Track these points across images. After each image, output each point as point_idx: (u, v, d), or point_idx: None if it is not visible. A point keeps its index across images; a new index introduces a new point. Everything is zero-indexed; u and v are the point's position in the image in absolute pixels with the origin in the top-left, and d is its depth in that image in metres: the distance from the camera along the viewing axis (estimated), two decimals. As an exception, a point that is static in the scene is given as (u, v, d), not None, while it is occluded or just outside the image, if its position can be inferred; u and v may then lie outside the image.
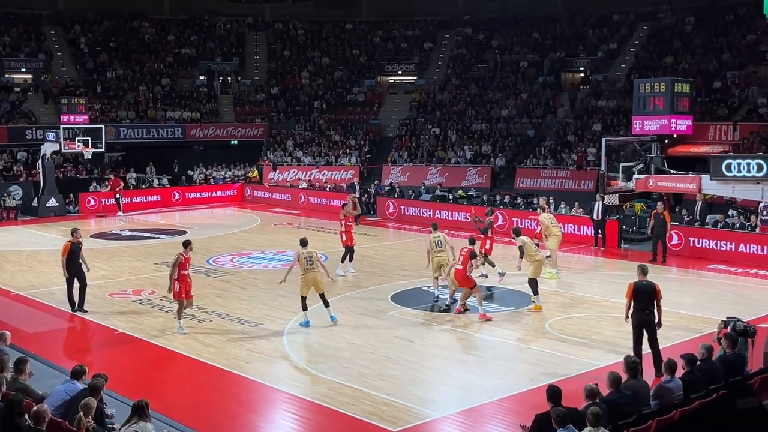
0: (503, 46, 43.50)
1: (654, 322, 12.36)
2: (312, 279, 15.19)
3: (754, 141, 29.44)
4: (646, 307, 12.29)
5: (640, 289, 12.36)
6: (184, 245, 15.08)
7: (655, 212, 21.85)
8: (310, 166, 37.95)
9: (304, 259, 15.20)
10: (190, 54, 44.28)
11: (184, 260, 14.83)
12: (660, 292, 12.40)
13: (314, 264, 15.22)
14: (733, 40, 36.72)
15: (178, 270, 14.72)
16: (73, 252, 16.49)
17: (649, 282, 12.43)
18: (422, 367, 13.11)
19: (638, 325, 12.38)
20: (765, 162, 12.84)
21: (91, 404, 8.13)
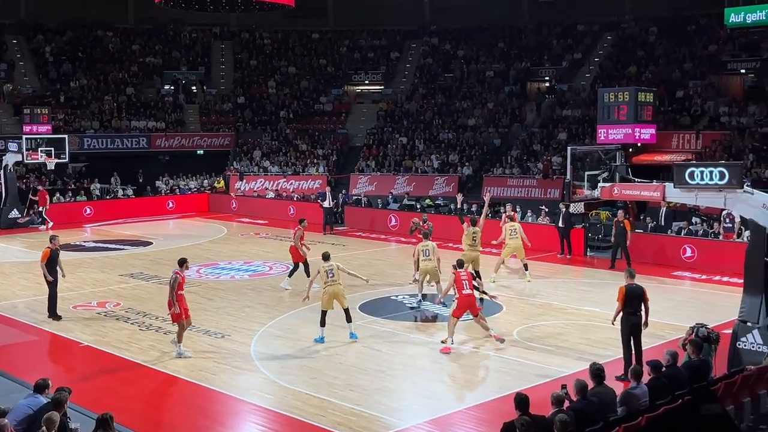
0: (469, 56, 43.76)
1: (641, 325, 12.71)
2: (334, 293, 14.92)
3: (717, 149, 29.89)
4: (636, 310, 12.67)
5: (631, 293, 12.69)
6: (180, 264, 14.39)
7: (616, 220, 22.13)
8: (277, 176, 37.82)
9: (324, 273, 14.96)
10: (155, 63, 43.95)
11: (182, 279, 14.19)
12: (647, 295, 12.77)
13: (336, 277, 14.94)
14: (696, 50, 37.28)
15: (176, 290, 13.98)
16: (52, 258, 16.61)
17: (638, 285, 12.82)
18: (390, 377, 13.10)
19: (628, 328, 12.70)
20: (727, 170, 12.98)
21: (55, 418, 8.00)
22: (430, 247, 17.55)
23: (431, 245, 17.60)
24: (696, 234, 23.41)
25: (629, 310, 12.69)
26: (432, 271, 17.45)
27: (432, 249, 17.50)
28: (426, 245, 17.62)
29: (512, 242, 20.42)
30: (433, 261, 17.42)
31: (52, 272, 16.65)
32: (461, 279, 14.57)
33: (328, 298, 14.92)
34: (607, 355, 13.82)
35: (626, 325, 12.75)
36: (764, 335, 12.53)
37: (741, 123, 31.49)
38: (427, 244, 17.63)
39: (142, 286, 20.27)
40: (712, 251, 22.09)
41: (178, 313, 14.01)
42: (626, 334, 12.78)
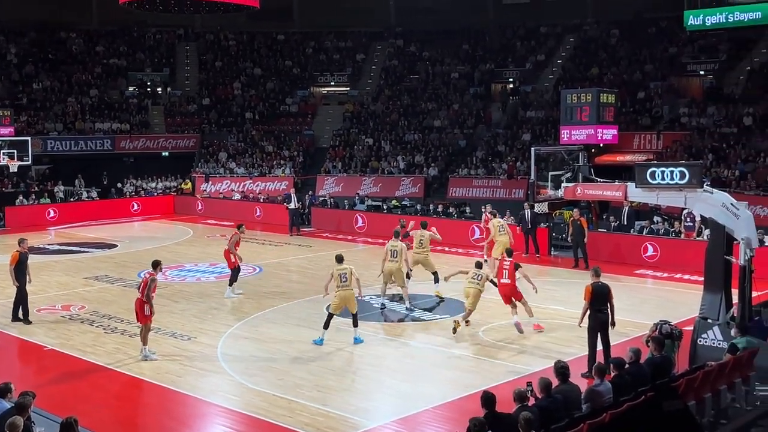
0: (434, 58, 43.96)
1: (608, 323, 12.93)
2: (346, 297, 14.76)
3: (677, 149, 30.36)
4: (603, 308, 12.89)
5: (598, 291, 12.89)
6: (154, 266, 14.34)
7: (573, 219, 22.44)
8: (244, 177, 37.69)
9: (338, 276, 14.77)
10: (119, 65, 43.55)
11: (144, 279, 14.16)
12: (612, 293, 13.00)
13: (348, 282, 14.72)
14: (656, 52, 37.81)
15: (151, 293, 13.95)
16: (21, 261, 16.39)
17: (603, 283, 13.04)
18: (358, 377, 13.15)
19: (597, 325, 12.92)
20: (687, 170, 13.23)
21: (18, 423, 7.93)
22: (398, 247, 17.42)
23: (400, 246, 17.49)
24: (657, 233, 23.76)
25: (596, 308, 12.91)
26: (396, 272, 17.32)
27: (400, 250, 17.40)
28: (395, 245, 17.48)
29: (502, 238, 20.63)
30: (398, 262, 17.30)
31: (20, 276, 16.40)
32: (503, 268, 15.31)
33: (339, 302, 14.79)
34: (571, 353, 14.00)
35: (593, 322, 12.96)
36: (724, 332, 12.78)
37: (700, 123, 32.02)
38: (396, 245, 17.49)
39: (107, 289, 20.11)
40: (673, 250, 22.45)
41: (148, 315, 13.93)
42: (593, 332, 12.98)
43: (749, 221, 13.08)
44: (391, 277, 17.44)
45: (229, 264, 19.00)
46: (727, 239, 13.15)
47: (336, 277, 14.76)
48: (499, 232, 20.95)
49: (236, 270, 18.91)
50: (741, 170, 27.89)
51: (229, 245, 18.97)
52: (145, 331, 14.05)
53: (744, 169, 27.88)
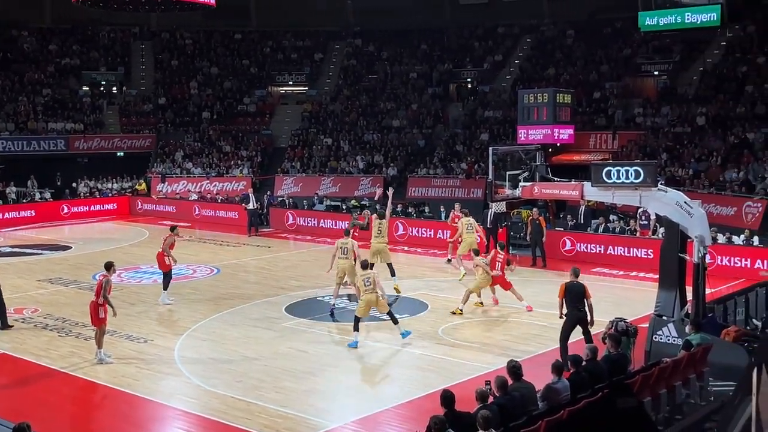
0: (393, 58, 44.01)
1: (587, 319, 13.36)
2: (371, 301, 14.89)
3: (632, 149, 30.76)
4: (578, 306, 13.33)
5: (570, 289, 13.37)
6: (107, 267, 14.12)
7: (531, 218, 22.67)
8: (201, 178, 37.34)
9: (362, 281, 14.98)
10: (73, 64, 42.85)
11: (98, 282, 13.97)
12: (588, 292, 13.41)
13: (372, 285, 14.90)
14: (611, 52, 38.28)
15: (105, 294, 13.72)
16: None
17: (579, 282, 13.46)
18: (317, 378, 13.10)
19: (574, 322, 13.33)
20: (642, 169, 13.40)
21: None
22: (349, 245, 17.24)
23: (350, 243, 17.31)
24: (613, 231, 24.06)
25: (572, 306, 13.32)
26: (349, 270, 17.15)
27: (351, 247, 17.22)
28: (345, 242, 17.30)
29: (469, 237, 20.75)
30: (350, 259, 17.12)
31: None
32: (496, 260, 16.55)
33: (366, 306, 14.92)
34: (529, 351, 14.13)
35: (569, 319, 13.33)
36: (679, 328, 12.97)
37: (655, 123, 32.48)
38: (347, 242, 17.30)
39: (61, 291, 19.77)
40: (628, 247, 22.74)
41: (103, 318, 13.71)
42: (567, 329, 13.32)
43: (702, 219, 13.30)
44: (344, 275, 17.24)
45: (161, 266, 18.29)
46: (681, 237, 13.35)
47: (361, 283, 15.05)
48: (467, 230, 20.99)
49: (169, 274, 18.28)
50: (694, 169, 28.36)
51: (163, 247, 18.30)
52: (100, 334, 13.83)
53: (697, 168, 28.35)
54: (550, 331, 15.78)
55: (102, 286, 13.77)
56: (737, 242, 21.69)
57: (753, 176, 26.47)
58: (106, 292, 13.72)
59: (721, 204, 25.54)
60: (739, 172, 27.03)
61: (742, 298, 14.99)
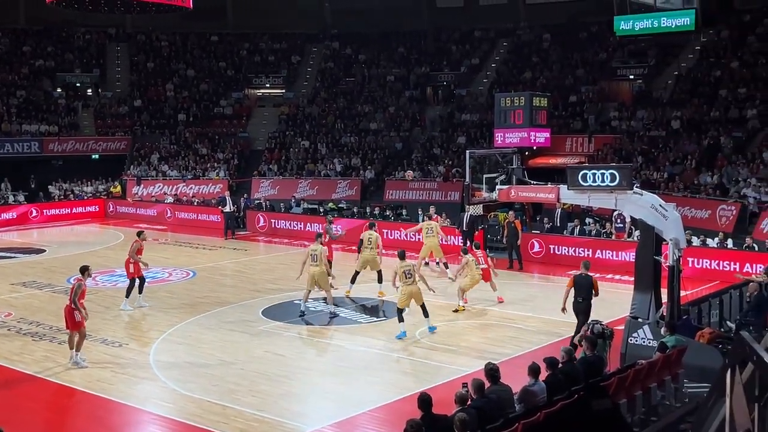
0: (370, 61, 44.03)
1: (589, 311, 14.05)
2: (412, 292, 15.32)
3: (608, 152, 30.97)
4: (586, 297, 14.05)
5: (580, 281, 14.09)
6: (82, 271, 14.05)
7: (507, 221, 22.76)
8: (177, 180, 37.11)
9: (403, 273, 15.36)
10: (47, 66, 42.47)
11: (85, 287, 13.87)
12: (597, 285, 14.22)
13: (413, 277, 15.36)
14: (587, 56, 38.53)
15: (79, 298, 13.58)
16: None
17: (588, 275, 14.15)
18: (294, 381, 13.04)
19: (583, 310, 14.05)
20: (617, 172, 13.50)
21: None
22: (319, 251, 17.05)
23: (320, 249, 17.15)
24: (589, 234, 24.20)
25: (580, 296, 14.20)
26: (319, 276, 16.90)
27: (320, 253, 17.02)
28: (315, 249, 17.12)
29: (428, 241, 20.81)
30: (320, 266, 16.88)
31: None
32: (478, 257, 17.27)
33: (407, 297, 15.33)
34: (506, 353, 14.17)
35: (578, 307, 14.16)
36: (654, 331, 13.06)
37: (630, 127, 32.73)
38: (317, 248, 17.14)
39: (35, 295, 19.55)
40: (604, 250, 22.88)
41: (79, 321, 13.54)
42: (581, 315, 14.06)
43: (677, 222, 13.41)
44: (315, 281, 17.04)
45: (127, 273, 17.93)
46: (656, 240, 13.45)
47: (401, 274, 15.38)
48: (427, 234, 21.06)
49: (133, 281, 17.80)
50: (669, 172, 28.60)
51: (130, 253, 17.93)
52: (80, 338, 13.66)
53: (672, 172, 28.60)
54: (526, 333, 15.87)
55: (74, 290, 13.64)
56: (711, 245, 21.89)
57: (727, 179, 26.75)
58: (77, 297, 13.56)
59: (695, 207, 25.78)
60: (713, 176, 27.30)
61: (716, 301, 15.13)
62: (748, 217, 24.72)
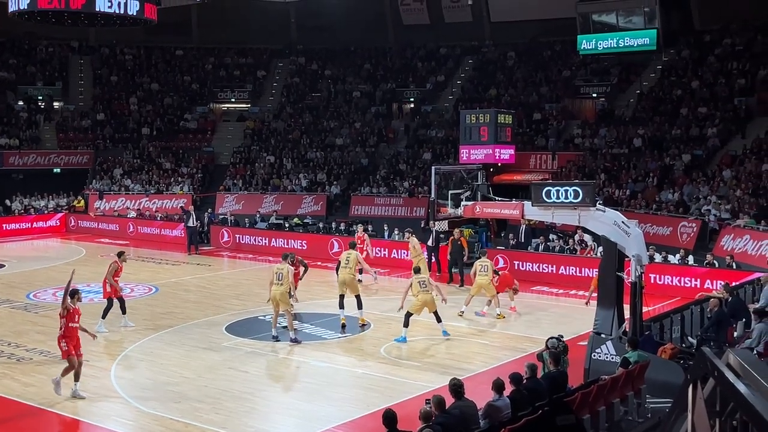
0: (336, 76, 44.08)
1: None
2: (426, 300, 16.17)
3: (571, 169, 31.28)
4: None
5: None
6: (72, 295, 13.26)
7: (452, 238, 22.89)
8: (140, 195, 36.74)
9: (417, 284, 16.20)
10: (8, 78, 41.89)
11: (73, 311, 13.04)
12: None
13: (428, 287, 16.26)
14: (551, 74, 38.95)
15: (66, 323, 12.87)
16: None
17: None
18: (258, 398, 12.92)
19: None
20: (581, 189, 13.61)
21: None
22: (285, 270, 16.25)
23: (286, 269, 16.30)
24: (553, 250, 24.38)
25: None
26: (281, 296, 16.06)
27: (287, 273, 16.22)
28: (281, 268, 16.32)
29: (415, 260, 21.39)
30: (284, 286, 16.09)
31: None
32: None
33: (421, 305, 16.17)
34: (471, 369, 14.18)
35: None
36: (617, 346, 13.16)
37: (593, 144, 33.10)
38: (283, 267, 16.33)
39: (-7, 311, 19.18)
40: (568, 266, 23.07)
41: (67, 350, 12.84)
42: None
43: (639, 239, 13.55)
44: (276, 301, 16.16)
45: (103, 293, 17.39)
46: (619, 256, 13.58)
47: (416, 284, 16.24)
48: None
49: (110, 301, 17.28)
50: (632, 189, 28.95)
51: (107, 275, 17.38)
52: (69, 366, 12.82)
53: (634, 189, 28.95)
54: (491, 349, 15.92)
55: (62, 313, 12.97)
56: (673, 261, 22.17)
57: (688, 197, 27.14)
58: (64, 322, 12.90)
59: (657, 224, 26.11)
60: (675, 193, 27.68)
61: (678, 317, 15.31)
62: (708, 234, 25.09)
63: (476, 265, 18.70)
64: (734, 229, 23.72)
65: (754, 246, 22.33)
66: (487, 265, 18.60)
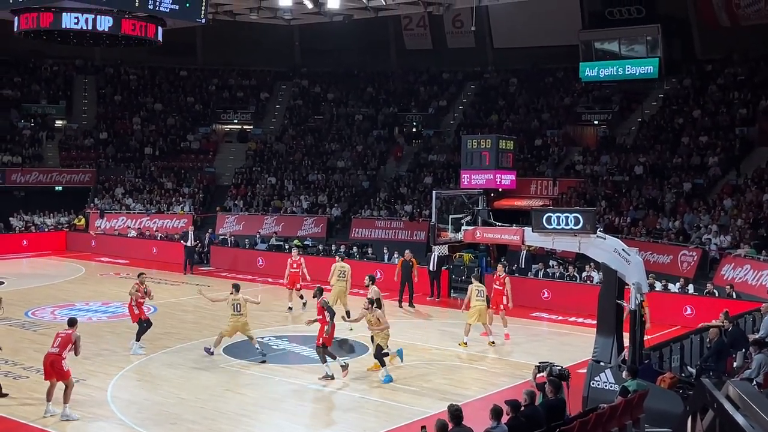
0: (339, 99, 44.24)
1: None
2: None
3: (572, 196, 31.29)
4: None
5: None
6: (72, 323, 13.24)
7: (402, 260, 23.03)
8: (141, 214, 36.75)
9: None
10: (13, 96, 42.07)
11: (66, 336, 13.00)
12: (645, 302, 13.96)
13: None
14: (552, 101, 39.06)
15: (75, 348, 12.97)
16: None
17: None
18: (254, 420, 12.86)
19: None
20: (581, 215, 13.62)
21: None
22: (240, 301, 16.65)
23: (242, 299, 16.68)
24: (553, 276, 24.34)
25: None
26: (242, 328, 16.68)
27: (242, 303, 16.66)
28: (236, 299, 16.68)
29: (338, 285, 20.49)
30: (244, 316, 16.62)
31: None
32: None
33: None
34: (468, 395, 14.12)
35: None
36: (616, 374, 13.10)
37: (594, 171, 33.14)
38: (238, 298, 16.68)
39: (-9, 328, 19.12)
40: (567, 293, 23.02)
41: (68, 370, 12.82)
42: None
43: (640, 267, 13.53)
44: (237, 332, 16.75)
45: (132, 317, 17.47)
46: (619, 284, 13.55)
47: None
48: (338, 278, 20.54)
49: (140, 323, 17.32)
50: (632, 217, 28.94)
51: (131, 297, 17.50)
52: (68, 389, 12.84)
53: (635, 216, 28.95)
54: (490, 375, 15.85)
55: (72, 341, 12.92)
56: (673, 290, 22.12)
57: (688, 225, 27.13)
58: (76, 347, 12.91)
59: (657, 252, 26.07)
60: (675, 221, 27.67)
61: (677, 346, 15.24)
62: (709, 263, 25.05)
63: (471, 290, 18.13)
64: (735, 259, 23.69)
65: (754, 276, 22.28)
66: (482, 290, 18.25)
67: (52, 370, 12.80)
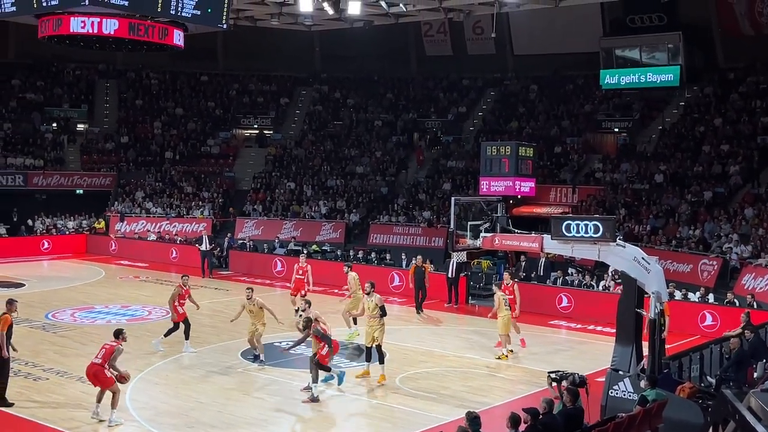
0: (359, 105, 44.33)
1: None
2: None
3: (591, 203, 31.15)
4: None
5: None
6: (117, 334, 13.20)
7: (415, 265, 23.04)
8: (160, 218, 36.95)
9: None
10: (36, 99, 42.49)
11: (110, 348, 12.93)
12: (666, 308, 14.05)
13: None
14: (573, 108, 38.93)
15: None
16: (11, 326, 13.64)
17: None
18: (271, 425, 12.88)
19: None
20: (601, 223, 13.57)
21: None
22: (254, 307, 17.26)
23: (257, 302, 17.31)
24: (572, 284, 24.24)
25: None
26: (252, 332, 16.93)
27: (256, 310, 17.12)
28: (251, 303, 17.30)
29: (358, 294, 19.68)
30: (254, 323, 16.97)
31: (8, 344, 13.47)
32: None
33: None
34: (486, 402, 14.07)
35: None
36: (635, 384, 13.02)
37: (614, 179, 32.98)
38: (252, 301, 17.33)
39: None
40: (586, 301, 22.91)
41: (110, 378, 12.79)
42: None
43: (659, 275, 13.46)
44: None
45: (177, 316, 17.71)
46: (639, 293, 13.48)
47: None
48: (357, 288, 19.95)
49: (184, 323, 17.65)
50: (652, 225, 28.78)
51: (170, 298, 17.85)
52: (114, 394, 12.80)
53: (655, 225, 28.78)
54: (507, 383, 15.80)
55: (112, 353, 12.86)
56: (693, 299, 21.96)
57: (709, 234, 26.94)
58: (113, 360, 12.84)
59: (677, 261, 25.89)
60: (695, 230, 27.49)
61: (697, 355, 15.13)
62: (729, 272, 24.85)
63: (500, 299, 17.91)
64: (756, 268, 23.48)
65: (775, 285, 22.09)
66: (507, 299, 18.16)
67: (96, 380, 12.81)
